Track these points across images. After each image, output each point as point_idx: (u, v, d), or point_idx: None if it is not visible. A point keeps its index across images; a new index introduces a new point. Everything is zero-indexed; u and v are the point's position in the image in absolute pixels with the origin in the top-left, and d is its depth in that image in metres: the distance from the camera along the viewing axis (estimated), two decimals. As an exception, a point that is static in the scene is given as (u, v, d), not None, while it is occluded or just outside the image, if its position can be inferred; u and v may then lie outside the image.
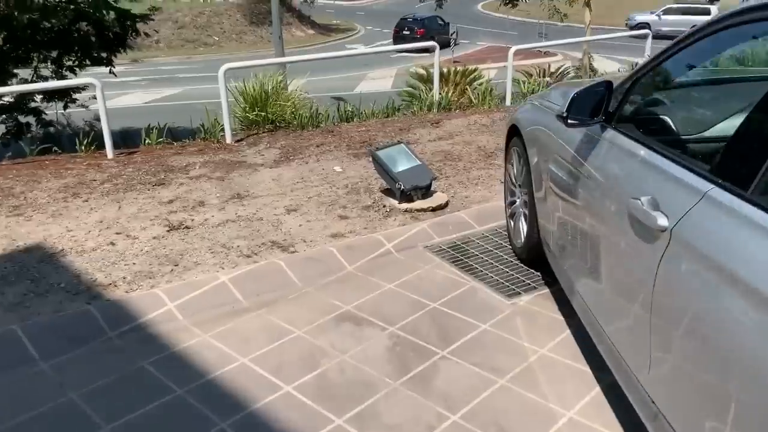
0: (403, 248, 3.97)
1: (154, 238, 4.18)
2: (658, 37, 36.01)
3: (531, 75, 12.29)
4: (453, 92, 8.41)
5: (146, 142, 6.70)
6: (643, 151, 2.19)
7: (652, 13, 34.66)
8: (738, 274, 1.52)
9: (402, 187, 4.50)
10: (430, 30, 34.17)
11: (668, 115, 2.41)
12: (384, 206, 4.64)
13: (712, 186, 1.75)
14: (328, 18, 46.81)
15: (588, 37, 9.93)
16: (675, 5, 33.08)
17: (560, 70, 13.52)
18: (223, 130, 6.68)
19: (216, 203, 4.79)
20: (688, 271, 1.73)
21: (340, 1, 58.81)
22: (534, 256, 3.59)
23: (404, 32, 34.14)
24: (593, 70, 18.51)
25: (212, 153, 6.15)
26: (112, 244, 4.09)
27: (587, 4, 17.62)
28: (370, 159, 5.52)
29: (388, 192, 4.81)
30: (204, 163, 5.77)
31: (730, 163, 1.75)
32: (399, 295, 3.44)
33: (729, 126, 2.19)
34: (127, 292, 3.47)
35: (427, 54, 30.11)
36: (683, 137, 2.28)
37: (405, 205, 4.56)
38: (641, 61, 9.94)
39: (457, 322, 3.16)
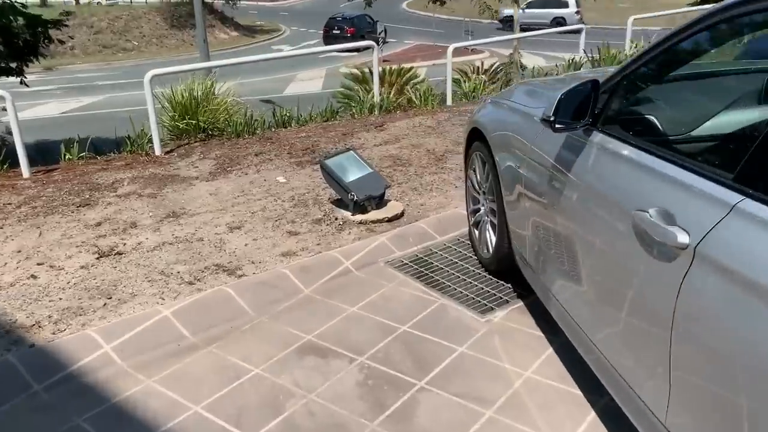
0: (362, 265, 3.68)
1: (82, 267, 3.74)
2: (523, 29, 37.75)
3: (466, 73, 12.19)
4: (391, 93, 8.16)
5: (66, 157, 6.15)
6: (642, 156, 1.98)
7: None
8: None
9: (355, 197, 4.20)
10: (360, 29, 33.88)
11: (665, 113, 2.21)
12: (336, 219, 4.33)
13: (742, 197, 1.54)
14: (251, 19, 45.77)
15: (521, 34, 9.87)
16: None
17: (493, 68, 13.50)
18: (151, 141, 6.20)
19: (149, 224, 4.36)
20: (721, 294, 1.52)
21: (263, 2, 57.72)
22: (503, 268, 3.37)
23: (334, 31, 33.75)
24: (522, 67, 18.71)
25: (141, 167, 5.68)
26: (34, 277, 3.63)
27: (515, 1, 17.76)
28: (318, 168, 5.21)
29: (339, 203, 4.51)
30: (133, 179, 5.31)
31: (763, 170, 1.55)
32: (364, 319, 3.14)
33: (733, 122, 2.00)
34: (54, 333, 3.04)
35: (356, 53, 30.15)
36: (685, 137, 2.08)
37: (359, 217, 4.26)
38: (576, 56, 9.98)
39: (431, 346, 2.90)
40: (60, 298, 3.38)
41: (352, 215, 4.30)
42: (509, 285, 3.41)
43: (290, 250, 3.91)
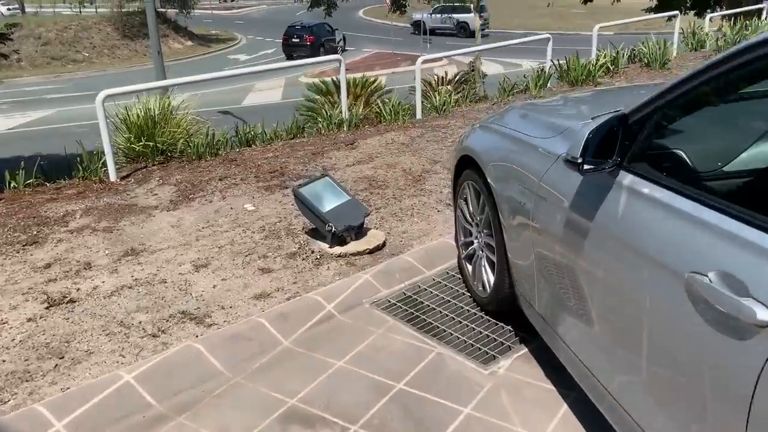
0: (346, 308, 3.34)
1: (30, 320, 3.31)
2: (430, 33, 39.05)
3: (431, 84, 11.97)
4: (360, 107, 7.84)
5: (11, 185, 5.64)
6: (688, 204, 1.70)
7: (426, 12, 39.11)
8: None
9: (333, 229, 3.86)
10: (319, 37, 33.63)
11: (710, 151, 1.94)
12: (312, 252, 3.98)
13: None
14: (205, 28, 44.91)
15: (492, 45, 9.68)
16: (442, 5, 37.56)
17: (457, 78, 13.32)
18: (105, 165, 5.74)
19: (106, 264, 3.94)
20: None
21: (217, 10, 56.81)
22: (503, 308, 3.07)
23: (293, 40, 33.46)
24: (483, 75, 18.66)
25: (95, 196, 5.22)
26: (-28, 334, 3.19)
27: (475, 10, 17.75)
28: (289, 193, 4.86)
29: (314, 233, 4.16)
30: (86, 211, 4.86)
31: None
32: (353, 375, 2.80)
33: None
34: (-5, 406, 2.62)
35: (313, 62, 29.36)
36: (743, 181, 1.80)
37: (338, 249, 3.93)
38: (544, 64, 9.83)
39: (432, 408, 2.57)
40: (3, 360, 2.96)
41: (330, 248, 3.96)
42: (509, 327, 3.11)
43: (264, 291, 3.55)
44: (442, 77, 12.34)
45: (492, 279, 3.07)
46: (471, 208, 3.25)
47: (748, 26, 10.38)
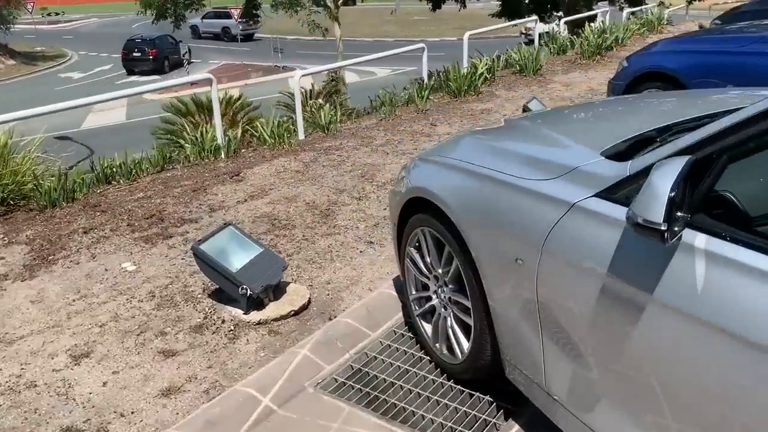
0: (287, 398, 2.67)
1: None
2: (201, 37, 41.25)
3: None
4: (238, 131, 7.07)
5: None
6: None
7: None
8: None
9: (249, 292, 3.18)
10: (163, 50, 32.06)
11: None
12: (223, 321, 3.27)
13: None
14: (29, 44, 40.85)
15: (374, 55, 9.25)
16: (212, 10, 40.85)
17: (326, 90, 12.81)
18: (-73, 224, 4.59)
19: (-54, 367, 2.99)
20: None
21: (40, 25, 51.92)
22: (482, 377, 2.58)
23: (134, 54, 31.59)
24: (345, 83, 18.37)
25: None
26: None
27: (335, 19, 17.43)
28: (176, 245, 4.09)
29: (219, 294, 3.44)
30: None
31: None
32: (322, 498, 2.18)
33: None
34: None
35: (158, 77, 28.08)
36: None
37: (256, 316, 3.24)
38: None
39: None
40: None
41: (245, 314, 3.27)
42: (487, 397, 2.62)
43: (172, 383, 2.81)
44: (310, 90, 11.77)
45: (466, 344, 2.56)
46: (429, 260, 2.72)
47: (606, 31, 10.78)
